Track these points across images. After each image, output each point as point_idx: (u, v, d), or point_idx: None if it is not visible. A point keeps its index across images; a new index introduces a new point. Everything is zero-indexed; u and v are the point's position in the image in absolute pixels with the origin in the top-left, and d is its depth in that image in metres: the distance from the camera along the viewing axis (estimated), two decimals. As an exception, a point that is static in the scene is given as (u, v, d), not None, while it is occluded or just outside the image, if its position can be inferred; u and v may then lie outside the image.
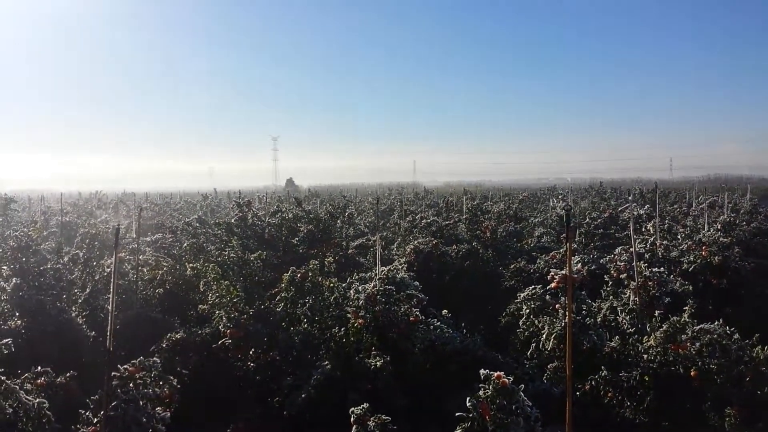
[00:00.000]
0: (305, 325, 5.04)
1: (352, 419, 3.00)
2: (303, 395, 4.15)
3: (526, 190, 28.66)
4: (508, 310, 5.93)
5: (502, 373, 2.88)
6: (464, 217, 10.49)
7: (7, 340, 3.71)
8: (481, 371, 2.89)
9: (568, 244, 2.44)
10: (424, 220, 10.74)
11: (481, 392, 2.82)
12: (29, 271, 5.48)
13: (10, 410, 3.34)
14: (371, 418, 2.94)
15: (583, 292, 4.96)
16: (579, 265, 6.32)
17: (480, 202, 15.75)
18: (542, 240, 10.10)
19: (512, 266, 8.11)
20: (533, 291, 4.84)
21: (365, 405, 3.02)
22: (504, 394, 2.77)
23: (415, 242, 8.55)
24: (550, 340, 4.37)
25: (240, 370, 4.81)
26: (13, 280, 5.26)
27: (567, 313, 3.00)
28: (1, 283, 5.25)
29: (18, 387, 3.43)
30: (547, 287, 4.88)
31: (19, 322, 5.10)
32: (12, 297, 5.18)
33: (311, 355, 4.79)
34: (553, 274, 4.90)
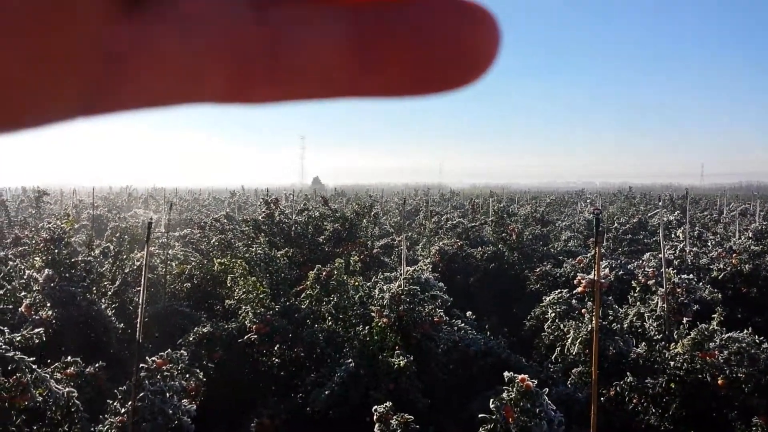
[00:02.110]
0: (329, 323, 5.07)
1: (375, 417, 3.02)
2: (327, 392, 4.18)
3: (554, 194, 28.46)
4: (533, 313, 5.91)
5: (527, 376, 2.87)
6: (490, 219, 10.44)
7: (38, 329, 3.79)
8: (505, 374, 2.89)
9: (597, 249, 2.43)
10: (449, 222, 10.73)
11: (504, 394, 2.82)
12: (61, 262, 5.59)
13: (40, 398, 3.42)
14: (394, 417, 2.95)
15: (610, 298, 4.92)
16: (606, 270, 6.26)
17: (506, 204, 15.68)
18: (569, 244, 10.01)
19: (538, 270, 8.06)
20: (559, 295, 4.82)
21: (388, 404, 3.03)
22: (528, 397, 2.77)
23: (441, 243, 8.55)
24: (575, 345, 4.34)
25: (265, 365, 4.86)
26: (45, 271, 5.37)
27: (594, 318, 2.98)
28: (33, 273, 5.36)
29: (48, 376, 3.51)
30: (574, 291, 4.85)
31: (50, 312, 5.20)
32: (43, 287, 5.28)
33: (335, 352, 4.82)
34: (579, 278, 4.86)
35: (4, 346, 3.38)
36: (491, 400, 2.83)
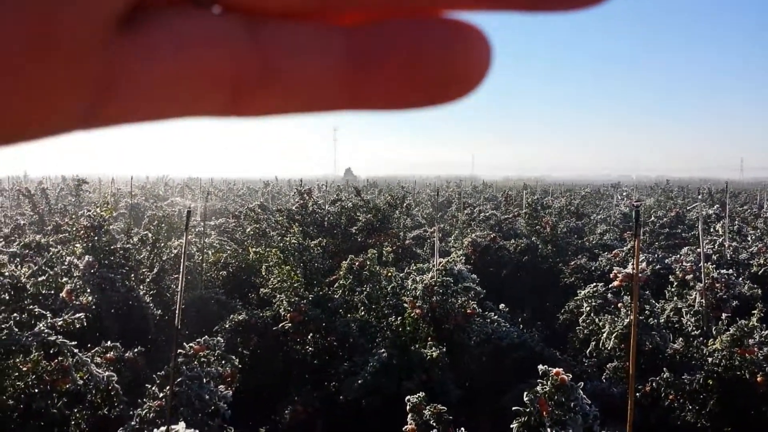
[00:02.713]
0: (362, 313, 5.10)
1: (407, 407, 3.03)
2: (359, 381, 4.21)
3: (589, 186, 28.05)
4: (567, 307, 5.85)
5: (561, 369, 2.85)
6: (524, 211, 10.35)
7: (79, 314, 3.88)
8: (540, 367, 2.87)
9: (636, 242, 2.39)
10: (482, 214, 10.67)
11: (538, 388, 2.80)
12: (100, 249, 5.72)
13: (81, 382, 3.52)
14: (427, 408, 2.96)
15: (647, 292, 4.84)
16: (643, 264, 6.17)
17: (540, 197, 15.52)
18: (604, 237, 9.87)
19: (572, 263, 7.97)
20: (594, 289, 4.76)
21: (421, 394, 3.04)
22: (563, 391, 2.75)
23: (473, 235, 8.50)
24: (610, 339, 4.29)
25: (298, 354, 4.91)
26: (85, 258, 5.50)
27: (631, 312, 2.94)
28: (74, 260, 5.49)
29: (89, 360, 3.60)
30: (609, 285, 4.79)
31: (90, 298, 5.32)
32: (84, 274, 5.40)
33: (367, 342, 4.85)
34: (616, 272, 4.80)
35: (46, 331, 3.48)
36: (525, 393, 2.81)
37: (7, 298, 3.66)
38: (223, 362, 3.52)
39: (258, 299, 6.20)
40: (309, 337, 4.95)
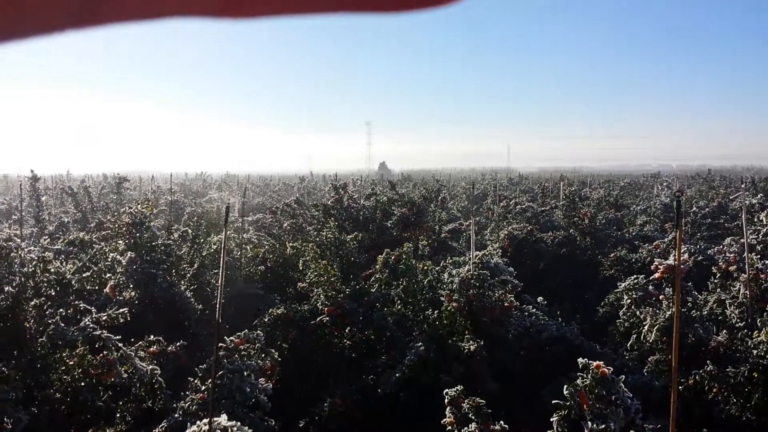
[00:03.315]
0: (399, 307, 5.10)
1: (446, 401, 3.03)
2: (397, 374, 4.22)
3: (628, 177, 27.54)
4: (607, 299, 5.77)
5: (602, 362, 2.81)
6: (561, 203, 10.22)
7: (123, 309, 3.96)
8: (579, 360, 2.84)
9: (678, 233, 2.35)
10: (518, 206, 10.58)
11: (579, 381, 2.77)
12: (142, 245, 5.84)
13: (126, 375, 3.60)
14: (465, 401, 2.96)
15: (689, 284, 4.74)
16: (685, 255, 6.04)
17: (578, 188, 15.29)
18: (645, 229, 9.70)
19: (612, 255, 7.85)
20: (635, 281, 4.68)
21: (459, 387, 3.03)
22: (603, 384, 2.71)
23: (510, 228, 8.44)
24: (652, 332, 4.21)
25: (336, 347, 4.94)
26: (128, 254, 5.62)
27: (674, 304, 2.89)
28: (117, 256, 5.61)
29: (133, 354, 3.69)
30: (650, 277, 4.70)
31: (132, 293, 5.44)
32: (126, 270, 5.52)
33: (404, 335, 4.85)
34: (657, 264, 4.71)
35: (91, 326, 3.58)
36: (565, 387, 2.79)
37: (53, 294, 3.77)
38: (263, 355, 3.56)
39: (296, 293, 6.26)
40: (346, 330, 4.98)
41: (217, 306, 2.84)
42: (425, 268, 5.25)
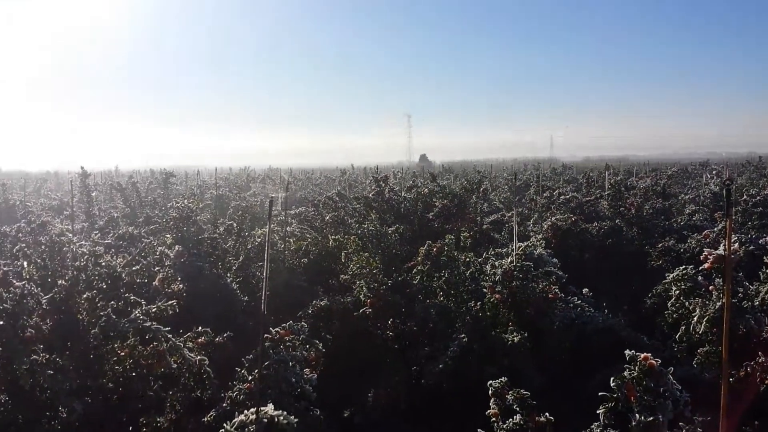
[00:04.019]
0: (441, 298, 5.10)
1: (490, 392, 3.01)
2: (440, 366, 4.23)
3: (676, 165, 26.84)
4: (654, 290, 5.65)
5: (649, 354, 2.76)
6: (606, 193, 10.04)
7: (171, 301, 4.06)
8: (627, 351, 2.79)
9: (728, 222, 2.28)
10: (562, 196, 10.42)
11: (626, 373, 2.73)
12: (189, 239, 5.98)
13: (175, 365, 3.69)
14: (509, 392, 2.94)
15: (740, 274, 4.60)
16: (736, 245, 5.87)
17: (624, 177, 15.01)
18: (693, 218, 9.44)
19: (659, 245, 7.68)
20: (684, 271, 4.57)
21: (503, 379, 3.02)
22: (651, 376, 2.66)
23: (553, 218, 8.32)
24: (701, 324, 4.11)
25: (379, 339, 4.97)
26: (176, 248, 5.75)
27: (724, 295, 2.81)
28: (165, 250, 5.75)
29: (182, 345, 3.77)
30: (700, 268, 4.58)
31: (180, 286, 5.57)
32: (174, 263, 5.66)
33: (447, 327, 4.85)
34: (706, 254, 4.58)
35: (141, 317, 3.68)
36: (612, 379, 2.74)
37: (105, 287, 3.88)
38: (307, 346, 3.61)
39: (338, 285, 6.31)
40: (389, 322, 5.00)
41: (263, 298, 2.89)
42: (467, 259, 5.23)
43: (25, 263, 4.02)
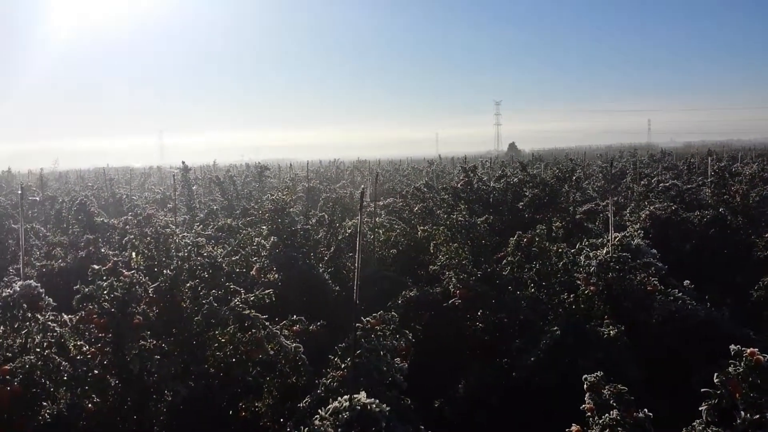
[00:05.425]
0: (532, 290, 5.02)
1: (585, 386, 2.95)
2: (532, 358, 4.17)
3: (786, 149, 25.09)
4: (761, 282, 5.35)
5: (756, 349, 2.62)
6: (709, 180, 9.53)
7: (268, 290, 4.21)
8: (732, 347, 2.66)
9: None
10: (661, 184, 9.98)
11: (730, 369, 2.60)
12: (283, 230, 6.17)
13: (272, 352, 3.83)
14: (606, 387, 2.87)
15: None
16: None
17: (728, 163, 14.19)
18: (807, 206, 8.80)
19: (767, 235, 7.23)
20: (795, 263, 4.29)
21: (599, 373, 2.95)
22: (759, 372, 2.52)
23: (651, 207, 7.99)
24: (816, 319, 3.85)
25: (468, 330, 4.96)
26: (271, 239, 5.96)
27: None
28: (261, 240, 5.96)
29: (278, 332, 3.91)
30: (814, 259, 4.29)
31: (275, 275, 5.77)
32: (270, 253, 5.86)
33: (538, 319, 4.77)
34: (822, 244, 4.28)
35: (240, 305, 3.84)
36: (715, 375, 2.62)
37: (206, 276, 4.08)
38: (397, 336, 3.65)
39: (427, 276, 6.33)
40: (479, 313, 4.98)
41: (354, 287, 2.95)
42: (559, 250, 5.11)
43: (133, 254, 4.27)
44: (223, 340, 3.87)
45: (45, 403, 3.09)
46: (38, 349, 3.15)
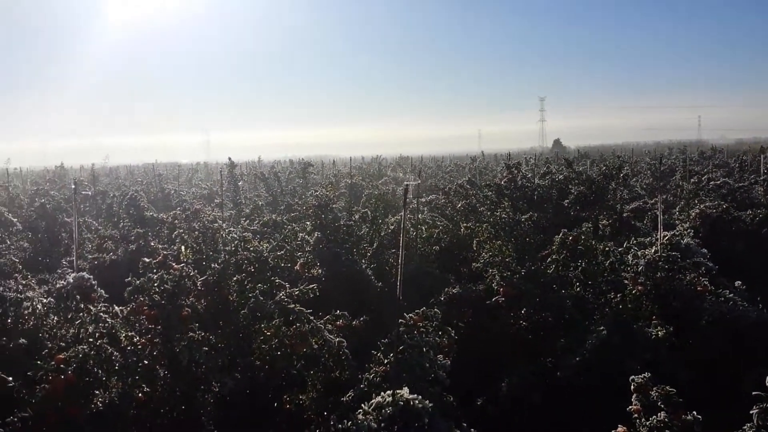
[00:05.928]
0: (577, 289, 4.95)
1: (632, 387, 2.91)
2: (577, 358, 4.12)
3: None
4: (818, 284, 5.15)
5: (813, 354, 2.54)
6: (762, 178, 9.23)
7: (312, 285, 4.26)
8: (786, 350, 2.58)
9: None
10: (711, 182, 9.72)
11: (785, 372, 2.53)
12: (326, 226, 6.23)
13: (316, 346, 3.88)
14: (653, 388, 2.82)
15: None
16: None
17: (783, 160, 13.68)
18: None
19: (824, 235, 6.97)
20: None
21: (647, 374, 2.90)
22: (815, 378, 2.45)
23: (702, 206, 7.79)
24: None
25: (512, 328, 4.92)
26: (315, 234, 6.02)
27: None
28: (306, 236, 6.02)
29: (322, 327, 3.96)
30: None
31: (319, 270, 5.82)
32: (314, 248, 5.92)
33: (584, 319, 4.71)
34: None
35: (285, 299, 3.90)
36: (767, 378, 2.55)
37: (252, 270, 4.15)
38: (440, 333, 3.65)
39: (470, 273, 6.30)
40: (522, 311, 4.93)
41: (398, 284, 2.97)
42: (606, 249, 5.03)
43: (182, 247, 4.37)
44: (268, 334, 3.93)
45: (97, 392, 3.19)
46: (91, 339, 3.25)
